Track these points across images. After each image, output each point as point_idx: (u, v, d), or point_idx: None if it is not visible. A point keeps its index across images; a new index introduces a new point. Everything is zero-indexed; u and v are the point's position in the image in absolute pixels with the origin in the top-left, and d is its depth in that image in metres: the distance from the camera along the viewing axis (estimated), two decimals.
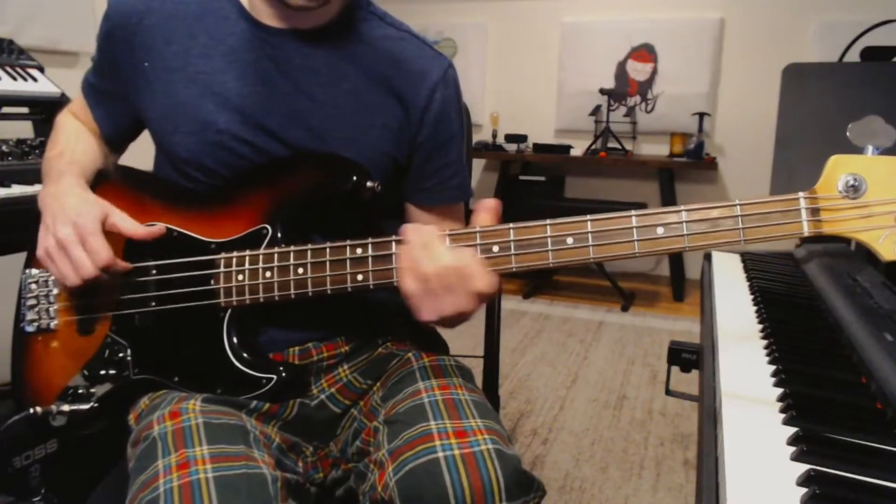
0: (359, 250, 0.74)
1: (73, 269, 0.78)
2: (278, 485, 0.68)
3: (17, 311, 0.89)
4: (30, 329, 0.87)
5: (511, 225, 0.69)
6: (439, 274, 0.67)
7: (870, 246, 0.60)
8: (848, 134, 0.63)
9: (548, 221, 0.68)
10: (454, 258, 0.67)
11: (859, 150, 0.63)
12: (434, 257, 0.67)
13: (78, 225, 0.78)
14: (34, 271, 0.89)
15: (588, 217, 0.67)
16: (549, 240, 0.68)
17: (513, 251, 0.69)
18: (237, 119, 0.83)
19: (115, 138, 0.97)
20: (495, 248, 0.69)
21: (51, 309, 0.87)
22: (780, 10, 3.78)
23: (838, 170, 0.61)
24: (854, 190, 0.60)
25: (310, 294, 0.76)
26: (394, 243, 0.73)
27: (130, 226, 0.81)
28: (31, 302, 0.88)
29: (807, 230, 0.62)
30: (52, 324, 0.87)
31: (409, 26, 0.92)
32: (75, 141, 0.93)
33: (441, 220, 0.93)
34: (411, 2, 4.46)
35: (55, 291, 0.88)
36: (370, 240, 0.74)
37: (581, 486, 1.88)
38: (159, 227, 0.82)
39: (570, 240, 0.67)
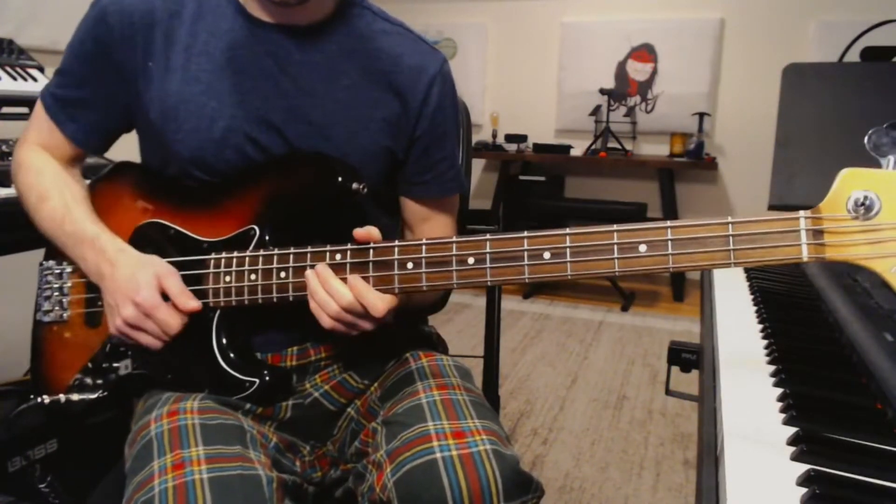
0: (338, 256, 0.73)
1: (156, 338, 0.79)
2: (274, 486, 0.68)
3: (36, 301, 0.91)
4: (46, 319, 0.89)
5: (488, 236, 0.67)
6: (347, 310, 0.72)
7: (880, 275, 0.53)
8: (865, 142, 0.55)
9: (525, 234, 0.65)
10: (352, 293, 0.72)
11: (878, 162, 0.55)
12: (337, 297, 0.72)
13: (139, 304, 0.77)
14: (51, 263, 0.90)
15: (567, 231, 0.64)
16: (525, 253, 0.65)
17: (488, 264, 0.67)
18: (240, 115, 0.83)
19: (90, 149, 0.93)
20: (470, 260, 0.68)
21: (64, 300, 0.89)
22: (780, 10, 3.78)
23: (850, 185, 0.52)
24: (865, 209, 0.52)
25: (290, 299, 0.76)
26: (371, 250, 0.73)
27: (182, 298, 0.79)
28: (47, 293, 0.89)
29: (806, 255, 0.54)
30: (65, 315, 0.88)
31: (401, 20, 0.93)
32: (64, 185, 0.88)
33: (437, 213, 0.94)
34: (411, 1, 4.47)
35: (69, 284, 0.89)
36: (349, 246, 0.73)
37: (581, 486, 1.87)
38: (198, 305, 0.80)
39: (547, 254, 0.64)
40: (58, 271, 0.89)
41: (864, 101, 1.18)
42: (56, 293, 0.89)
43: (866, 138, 0.55)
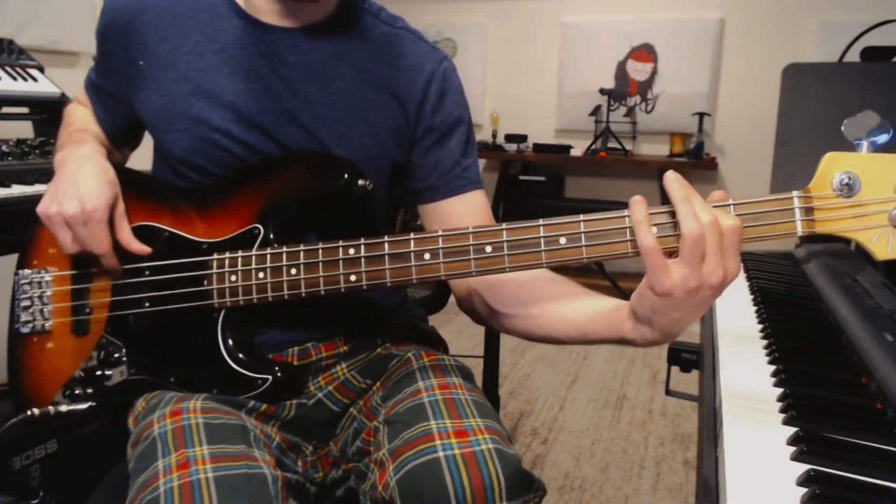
0: (351, 251, 0.73)
1: (73, 241, 0.81)
2: (279, 484, 0.68)
3: (12, 312, 0.89)
4: (25, 330, 0.87)
5: (504, 225, 0.68)
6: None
7: (863, 245, 0.59)
8: (843, 129, 0.61)
9: (540, 221, 0.67)
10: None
11: (854, 147, 0.61)
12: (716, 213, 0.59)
13: (86, 211, 0.79)
14: (27, 272, 0.88)
15: (581, 217, 0.66)
16: (542, 240, 0.67)
17: (506, 251, 0.68)
18: (230, 117, 0.82)
19: (115, 136, 0.97)
20: (488, 249, 0.68)
21: (45, 310, 0.87)
22: (780, 10, 3.78)
23: (833, 168, 0.59)
24: (848, 188, 0.59)
25: (303, 295, 0.76)
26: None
27: (125, 232, 0.83)
28: (26, 303, 0.87)
29: (800, 230, 0.60)
30: (47, 325, 0.87)
31: (404, 20, 0.91)
32: (91, 122, 0.96)
33: (461, 217, 0.88)
34: (411, 1, 4.46)
35: (49, 292, 0.87)
36: (362, 240, 0.73)
37: (581, 486, 1.88)
38: (146, 249, 0.83)
39: (563, 240, 0.66)
40: (36, 280, 0.88)
41: (864, 101, 1.18)
42: (36, 302, 0.87)
43: (843, 127, 0.61)
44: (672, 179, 0.61)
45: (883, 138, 0.60)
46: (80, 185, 0.80)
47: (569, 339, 0.75)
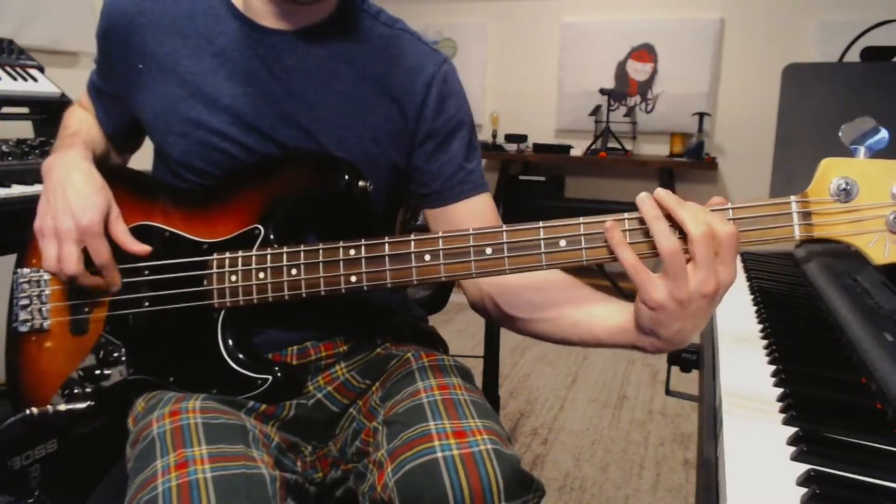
0: (352, 251, 0.73)
1: (57, 260, 0.79)
2: (277, 485, 0.68)
3: (10, 311, 0.89)
4: (23, 329, 0.87)
5: (504, 227, 0.68)
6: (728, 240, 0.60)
7: (860, 250, 0.60)
8: (840, 135, 0.61)
9: (540, 224, 0.67)
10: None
11: (852, 153, 0.61)
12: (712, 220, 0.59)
13: (80, 226, 0.78)
14: (26, 270, 0.88)
15: (581, 219, 0.66)
16: (542, 242, 0.67)
17: (506, 253, 0.68)
18: (228, 120, 0.82)
19: (117, 139, 0.97)
20: (488, 250, 0.69)
21: (44, 309, 0.87)
22: (780, 10, 3.78)
23: (830, 173, 0.60)
24: (846, 194, 0.59)
25: (303, 295, 0.76)
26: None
27: (122, 234, 0.82)
28: (24, 302, 0.87)
29: (798, 234, 0.61)
30: (46, 324, 0.87)
31: (403, 22, 0.91)
32: (88, 125, 0.96)
33: (468, 220, 0.88)
34: (411, 2, 4.46)
35: (48, 291, 0.87)
36: (363, 241, 0.73)
37: (581, 486, 1.88)
38: (146, 249, 0.83)
39: (563, 242, 0.66)
40: (35, 278, 0.88)
41: (864, 101, 1.18)
42: (35, 301, 0.87)
43: (840, 132, 0.62)
44: (643, 199, 0.63)
45: (880, 144, 0.60)
46: (71, 199, 0.79)
47: (583, 343, 0.76)
